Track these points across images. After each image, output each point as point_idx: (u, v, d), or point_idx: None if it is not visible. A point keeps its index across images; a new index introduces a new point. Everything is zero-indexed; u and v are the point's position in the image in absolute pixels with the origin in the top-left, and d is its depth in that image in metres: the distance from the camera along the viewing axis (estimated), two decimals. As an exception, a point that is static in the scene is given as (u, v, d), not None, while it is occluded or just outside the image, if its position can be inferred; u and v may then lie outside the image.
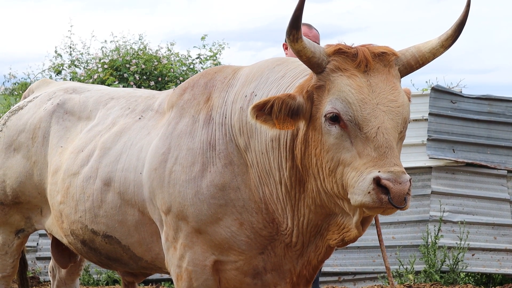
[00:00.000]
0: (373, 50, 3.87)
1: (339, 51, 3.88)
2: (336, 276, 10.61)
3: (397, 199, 3.59)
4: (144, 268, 5.06)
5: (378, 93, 3.77)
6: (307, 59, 3.86)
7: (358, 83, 3.78)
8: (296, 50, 3.84)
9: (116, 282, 10.65)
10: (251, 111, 3.93)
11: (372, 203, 3.61)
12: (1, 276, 5.79)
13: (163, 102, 4.93)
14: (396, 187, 3.58)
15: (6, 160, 5.56)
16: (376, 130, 3.68)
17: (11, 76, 13.48)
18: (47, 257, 10.46)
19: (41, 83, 6.15)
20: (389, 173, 3.59)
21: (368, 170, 3.63)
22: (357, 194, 3.65)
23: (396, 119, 3.77)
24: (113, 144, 4.94)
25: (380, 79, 3.81)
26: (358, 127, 3.72)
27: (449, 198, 10.50)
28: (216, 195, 4.31)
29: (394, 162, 3.64)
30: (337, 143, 3.78)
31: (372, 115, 3.72)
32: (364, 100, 3.74)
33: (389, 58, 3.88)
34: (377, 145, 3.67)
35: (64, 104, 5.48)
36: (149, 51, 12.95)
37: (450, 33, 3.97)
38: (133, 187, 4.73)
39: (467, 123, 10.64)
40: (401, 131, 3.82)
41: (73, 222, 5.08)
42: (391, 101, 3.77)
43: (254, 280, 4.42)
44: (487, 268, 10.43)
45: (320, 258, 4.34)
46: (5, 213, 5.59)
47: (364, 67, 3.82)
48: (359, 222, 3.93)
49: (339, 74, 3.83)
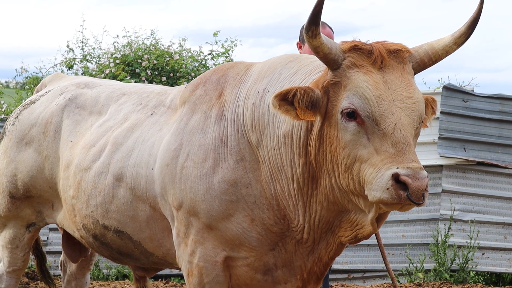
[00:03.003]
0: (388, 47, 3.88)
1: (355, 47, 3.89)
2: (346, 274, 10.61)
3: (415, 195, 3.61)
4: (155, 263, 5.07)
5: (394, 89, 3.78)
6: (324, 55, 3.86)
7: (374, 79, 3.79)
8: (314, 46, 3.84)
9: (125, 277, 10.67)
10: (273, 100, 3.93)
11: (390, 199, 3.63)
12: (12, 270, 5.81)
13: (175, 98, 4.93)
14: (415, 183, 3.60)
15: (18, 154, 5.57)
16: (394, 126, 3.69)
17: (23, 70, 13.49)
18: (57, 251, 10.48)
19: (54, 77, 6.15)
20: (407, 169, 3.60)
21: (386, 166, 3.64)
22: (376, 190, 3.66)
23: (412, 115, 3.78)
24: (124, 139, 4.95)
25: (395, 76, 3.83)
26: (376, 123, 3.73)
27: (460, 196, 10.48)
28: (227, 191, 4.32)
29: (412, 158, 3.66)
30: (354, 139, 3.79)
31: (389, 111, 3.73)
32: (381, 96, 3.75)
33: (403, 55, 3.90)
34: (394, 141, 3.68)
35: (75, 98, 5.49)
36: (161, 46, 12.94)
37: (463, 30, 3.97)
38: (144, 183, 4.74)
39: (479, 122, 10.60)
40: (416, 128, 3.84)
41: (85, 217, 5.09)
42: (407, 98, 3.78)
43: (265, 277, 4.42)
44: (497, 268, 10.41)
45: (331, 255, 4.34)
46: (16, 206, 5.60)
47: (380, 63, 3.83)
48: (374, 219, 3.92)
49: (356, 70, 3.84)
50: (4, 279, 5.84)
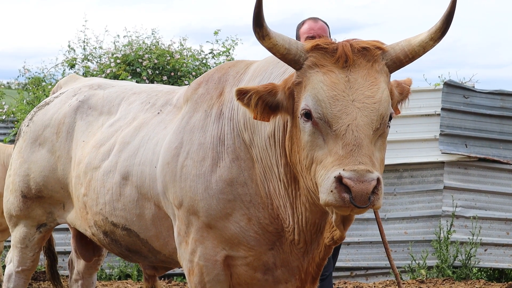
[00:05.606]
0: (356, 45, 3.78)
1: (317, 47, 3.79)
2: (349, 271, 10.61)
3: (359, 198, 3.49)
4: (163, 261, 5.10)
5: (356, 89, 3.68)
6: (281, 56, 3.81)
7: (333, 79, 3.69)
8: (267, 47, 3.80)
9: (128, 277, 10.69)
10: (235, 93, 3.92)
11: (335, 202, 3.53)
12: (21, 270, 5.85)
13: (180, 96, 4.95)
14: (358, 186, 3.48)
15: (31, 154, 5.62)
16: (346, 127, 3.59)
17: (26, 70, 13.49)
18: (60, 252, 10.49)
19: (69, 79, 6.23)
20: (351, 171, 3.49)
21: (333, 169, 3.55)
22: (322, 192, 3.58)
23: (371, 115, 3.65)
24: (131, 138, 4.99)
25: (360, 75, 3.72)
26: (328, 124, 3.65)
27: (462, 193, 10.48)
28: (224, 190, 4.31)
29: (360, 160, 3.54)
30: (311, 140, 3.72)
31: (344, 112, 3.63)
32: (336, 97, 3.65)
33: (373, 53, 3.78)
34: (345, 142, 3.57)
35: (88, 100, 5.55)
36: (161, 46, 12.94)
37: (439, 25, 3.81)
38: (148, 181, 4.76)
39: (480, 118, 10.61)
40: (377, 128, 3.69)
41: (95, 214, 5.14)
42: (367, 97, 3.67)
43: (265, 276, 4.42)
44: (500, 264, 10.43)
45: (321, 256, 4.33)
46: (28, 206, 5.64)
47: (344, 62, 3.72)
48: (338, 221, 3.82)
49: (316, 70, 3.75)
50: (13, 279, 5.88)
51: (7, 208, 5.81)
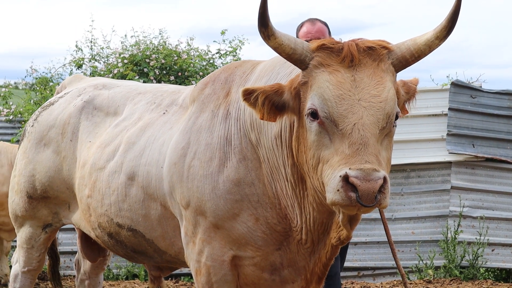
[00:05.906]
0: (362, 44, 3.78)
1: (323, 46, 3.80)
2: (356, 271, 10.61)
3: (365, 197, 3.50)
4: (169, 262, 5.10)
5: (362, 88, 3.68)
6: (287, 56, 3.82)
7: (339, 78, 3.70)
8: (272, 47, 3.80)
9: (135, 277, 10.69)
10: (241, 93, 3.93)
11: (341, 201, 3.53)
12: (27, 270, 5.86)
13: (187, 96, 4.95)
14: (364, 185, 3.48)
15: (37, 154, 5.62)
16: (352, 126, 3.60)
17: (33, 70, 13.48)
18: (67, 252, 10.52)
19: (74, 79, 6.22)
20: (358, 170, 3.49)
21: (340, 168, 3.55)
22: (329, 192, 3.58)
23: (377, 114, 3.65)
24: (137, 138, 4.98)
25: (366, 74, 3.72)
26: (334, 123, 3.65)
27: (469, 193, 10.46)
28: (231, 190, 4.31)
29: (366, 159, 3.54)
30: (317, 139, 3.72)
31: (350, 111, 3.63)
32: (342, 96, 3.66)
33: (379, 52, 3.78)
34: (351, 141, 3.58)
35: (93, 100, 5.54)
36: (168, 46, 12.93)
37: (444, 24, 3.80)
38: (155, 181, 4.76)
39: (487, 118, 10.58)
40: (383, 127, 3.69)
41: (100, 215, 5.13)
42: (373, 96, 3.67)
43: (272, 276, 4.42)
44: (507, 264, 10.41)
45: (328, 256, 4.33)
46: (33, 207, 5.65)
47: (349, 62, 3.72)
48: (345, 221, 3.83)
49: (322, 70, 3.75)
50: (19, 279, 5.89)
51: (13, 209, 5.81)
